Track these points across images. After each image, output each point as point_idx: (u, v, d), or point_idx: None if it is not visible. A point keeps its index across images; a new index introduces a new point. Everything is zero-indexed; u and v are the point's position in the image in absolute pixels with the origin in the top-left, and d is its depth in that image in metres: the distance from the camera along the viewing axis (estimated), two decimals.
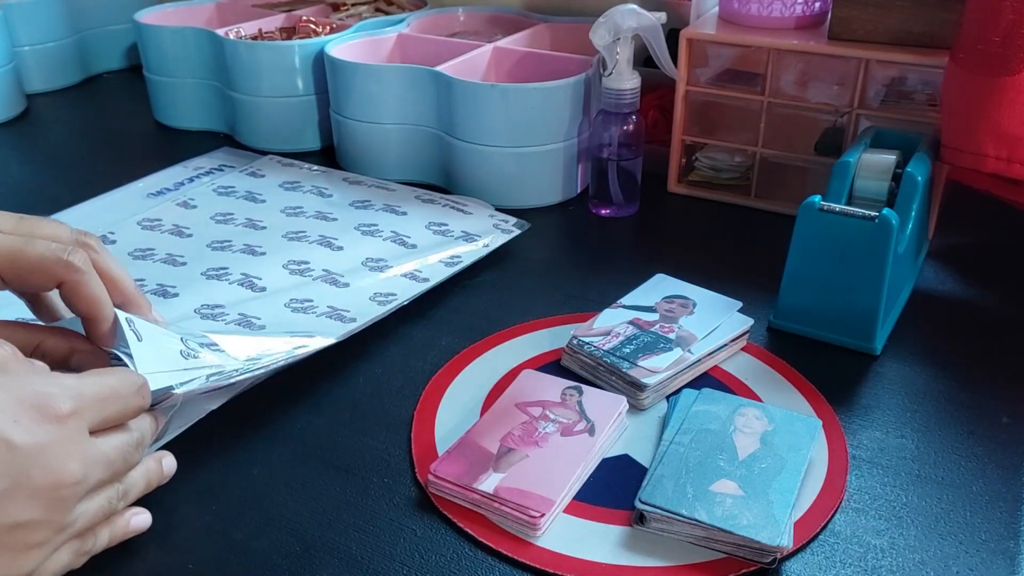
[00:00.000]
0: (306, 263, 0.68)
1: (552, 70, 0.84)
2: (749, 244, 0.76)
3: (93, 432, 0.39)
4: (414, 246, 0.72)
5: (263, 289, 0.64)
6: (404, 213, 0.78)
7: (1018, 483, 0.49)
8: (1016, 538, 0.46)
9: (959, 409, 0.55)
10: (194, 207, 0.79)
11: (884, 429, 0.53)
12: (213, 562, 0.44)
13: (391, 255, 0.70)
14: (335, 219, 0.76)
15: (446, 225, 0.76)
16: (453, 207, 0.79)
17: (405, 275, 0.67)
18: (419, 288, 0.66)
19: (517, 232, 0.75)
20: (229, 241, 0.72)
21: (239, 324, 0.60)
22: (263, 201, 0.80)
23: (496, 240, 0.74)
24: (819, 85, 0.78)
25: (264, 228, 0.75)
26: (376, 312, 0.61)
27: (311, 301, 0.63)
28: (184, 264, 0.68)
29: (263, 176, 0.86)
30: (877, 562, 0.44)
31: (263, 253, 0.70)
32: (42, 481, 0.35)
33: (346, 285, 0.65)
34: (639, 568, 0.43)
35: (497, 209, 0.79)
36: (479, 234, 0.74)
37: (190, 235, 0.74)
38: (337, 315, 0.61)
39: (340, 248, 0.71)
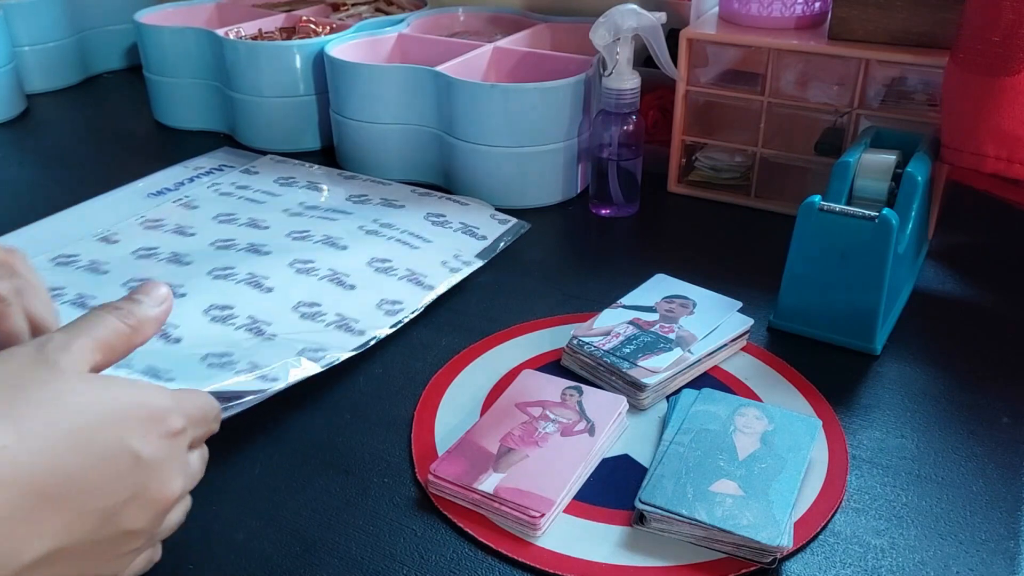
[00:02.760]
0: (311, 262, 0.68)
1: (552, 70, 0.84)
2: (749, 244, 0.76)
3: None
4: (416, 247, 0.72)
5: (270, 289, 0.64)
6: (402, 206, 0.79)
7: (1018, 483, 0.49)
8: (1016, 538, 0.46)
9: (959, 409, 0.55)
10: (196, 207, 0.79)
11: (884, 429, 0.53)
12: (213, 562, 0.44)
13: (396, 255, 0.70)
14: (336, 219, 0.77)
15: (444, 216, 0.76)
16: (450, 200, 0.80)
17: (410, 280, 0.67)
18: (425, 296, 0.65)
19: (512, 222, 0.76)
20: (233, 240, 0.72)
21: (249, 329, 0.59)
22: (263, 201, 0.80)
23: (493, 231, 0.74)
24: (819, 85, 0.78)
25: (267, 228, 0.75)
26: (383, 324, 0.61)
27: (319, 305, 0.63)
28: (190, 264, 0.68)
29: (256, 173, 0.86)
30: (877, 562, 0.44)
31: (268, 252, 0.70)
32: (156, 494, 0.36)
33: (352, 287, 0.65)
34: (639, 568, 0.43)
35: (497, 209, 0.80)
36: (478, 226, 0.74)
37: (193, 234, 0.74)
38: (345, 325, 0.61)
39: (344, 247, 0.71)
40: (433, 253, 0.71)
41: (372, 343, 0.59)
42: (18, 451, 0.32)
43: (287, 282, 0.65)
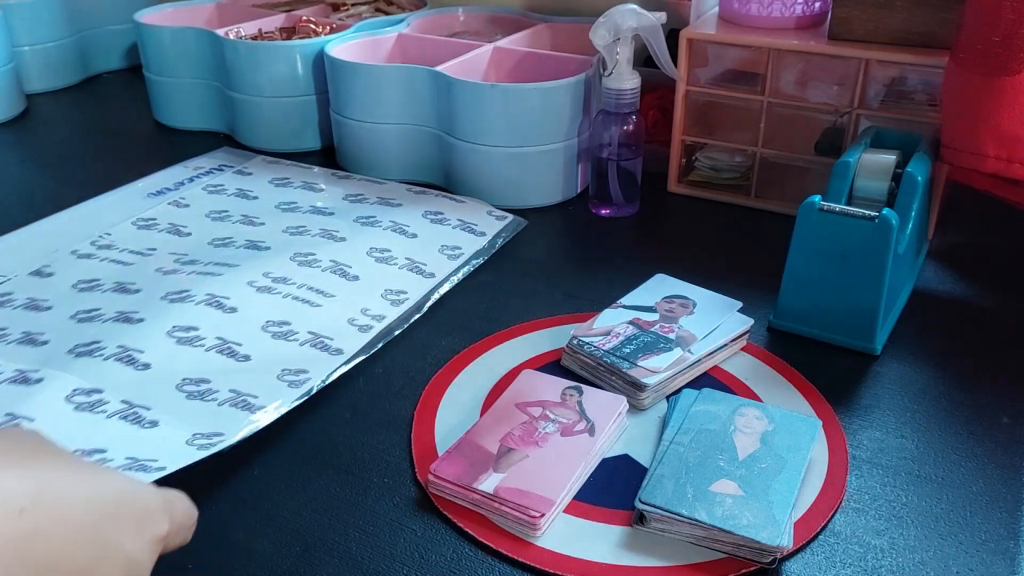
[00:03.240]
0: (312, 254, 0.68)
1: (552, 70, 0.84)
2: (749, 244, 0.76)
3: None
4: (415, 235, 0.72)
5: (281, 279, 0.64)
6: (399, 204, 0.79)
7: (1018, 483, 0.49)
8: (1016, 538, 0.46)
9: (959, 409, 0.55)
10: (186, 206, 0.79)
11: (884, 429, 0.53)
12: (213, 562, 0.44)
13: (394, 244, 0.71)
14: (332, 213, 0.77)
15: (442, 214, 0.77)
16: (447, 197, 0.80)
17: (411, 268, 0.68)
18: (427, 284, 0.66)
19: (510, 219, 0.76)
20: (230, 238, 0.72)
21: (264, 329, 0.60)
22: (255, 198, 0.81)
23: (491, 227, 0.74)
24: (819, 85, 0.78)
25: (263, 224, 0.75)
26: (393, 314, 0.62)
27: (324, 292, 0.63)
28: (191, 262, 0.68)
29: (250, 174, 0.86)
30: (877, 562, 0.44)
31: (267, 248, 0.70)
32: None
33: (356, 278, 0.65)
34: (639, 568, 0.43)
35: (496, 208, 0.80)
36: (475, 223, 0.75)
37: (188, 233, 0.74)
38: (353, 321, 0.62)
39: (343, 239, 0.71)
40: (431, 243, 0.72)
41: (380, 345, 0.60)
42: (39, 519, 0.29)
43: (292, 274, 0.65)
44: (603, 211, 0.81)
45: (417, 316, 0.64)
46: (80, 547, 0.30)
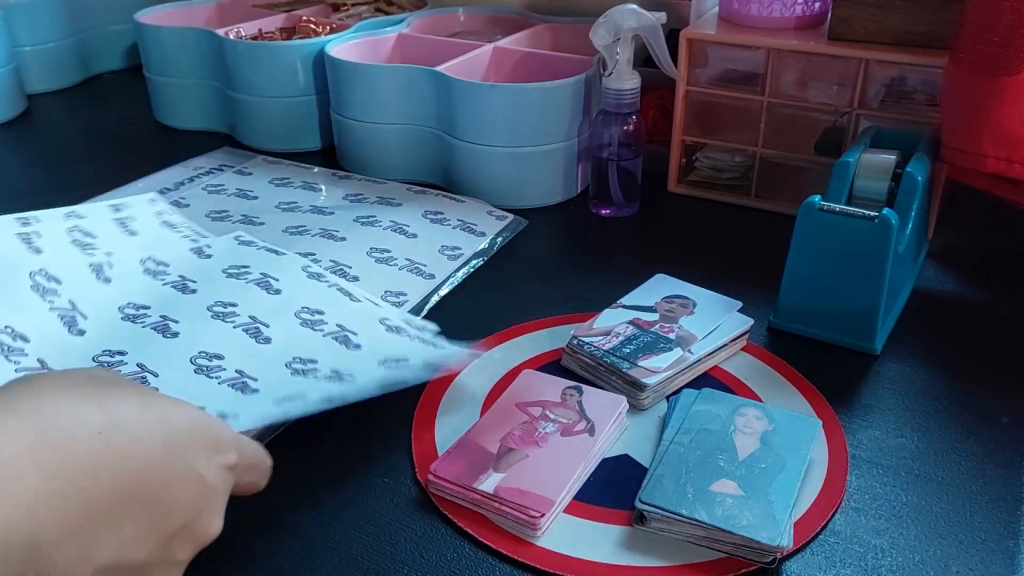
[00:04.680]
0: (312, 254, 0.68)
1: (552, 70, 0.84)
2: (749, 244, 0.76)
3: None
4: (415, 235, 0.72)
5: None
6: (399, 204, 0.79)
7: (1018, 483, 0.49)
8: (1016, 538, 0.46)
9: (959, 409, 0.55)
10: (186, 206, 0.79)
11: (884, 429, 0.53)
12: (213, 562, 0.44)
13: (394, 245, 0.70)
14: (332, 213, 0.77)
15: (442, 214, 0.77)
16: (447, 197, 0.80)
17: (411, 270, 0.68)
18: (427, 286, 0.66)
19: (510, 219, 0.76)
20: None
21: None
22: (255, 197, 0.80)
23: (491, 227, 0.74)
24: (819, 85, 0.78)
25: (262, 224, 0.75)
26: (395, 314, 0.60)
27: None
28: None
29: (250, 174, 0.86)
30: (877, 562, 0.44)
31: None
32: (202, 527, 0.35)
33: (356, 279, 0.65)
34: (639, 568, 0.43)
35: (496, 208, 0.80)
36: (475, 223, 0.74)
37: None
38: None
39: (343, 239, 0.71)
40: (431, 244, 0.71)
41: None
42: (114, 439, 0.31)
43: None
44: (603, 211, 0.81)
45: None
46: (154, 466, 0.32)
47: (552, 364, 0.59)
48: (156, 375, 0.51)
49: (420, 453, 0.51)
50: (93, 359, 0.53)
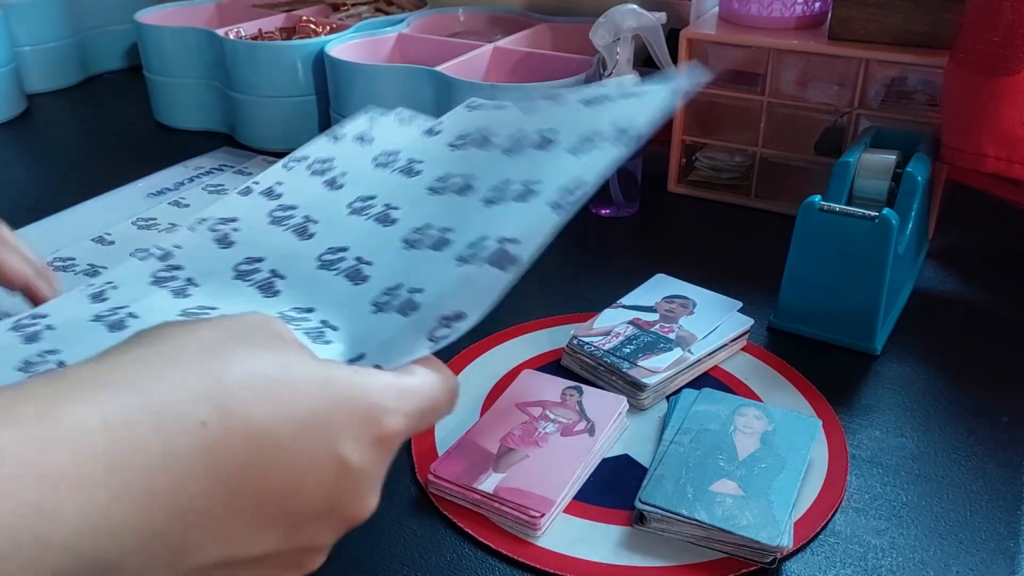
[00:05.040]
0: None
1: (552, 70, 0.84)
2: (749, 244, 0.76)
3: None
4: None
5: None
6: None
7: (1018, 483, 0.49)
8: (1016, 538, 0.46)
9: (959, 409, 0.55)
10: (186, 206, 0.79)
11: (884, 429, 0.53)
12: None
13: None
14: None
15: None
16: None
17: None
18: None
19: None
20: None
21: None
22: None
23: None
24: (819, 85, 0.78)
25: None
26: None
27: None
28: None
29: (250, 174, 0.86)
30: (877, 562, 0.44)
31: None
32: (349, 510, 0.30)
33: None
34: (639, 568, 0.43)
35: None
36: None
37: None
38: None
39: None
40: None
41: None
42: (222, 431, 0.25)
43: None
44: (603, 211, 0.81)
45: None
46: (276, 457, 0.27)
47: (552, 364, 0.59)
48: (370, 263, 0.43)
49: (420, 453, 0.51)
50: (318, 258, 0.45)
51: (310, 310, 0.42)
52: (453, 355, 0.60)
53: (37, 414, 0.23)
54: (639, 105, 0.44)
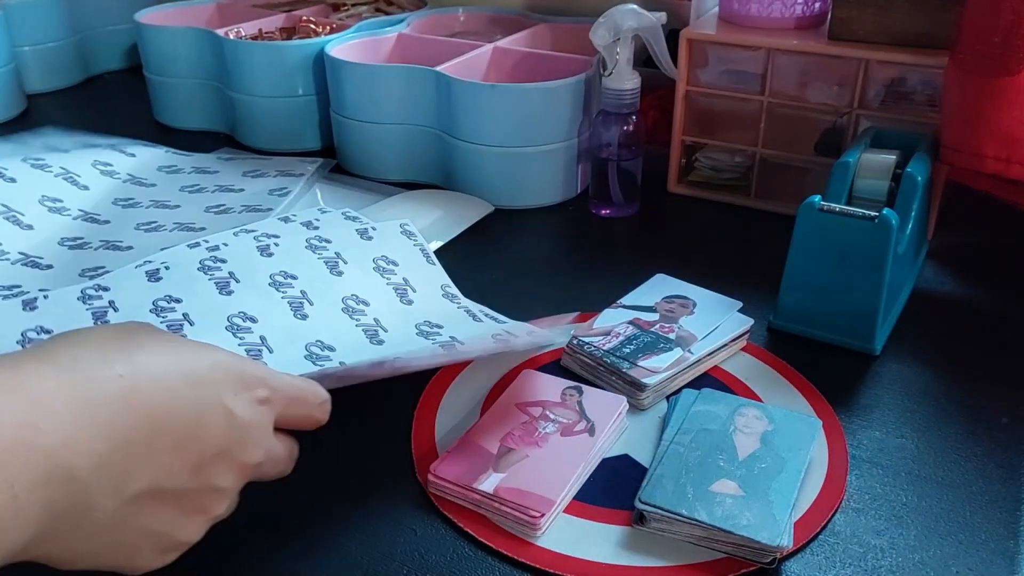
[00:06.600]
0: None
1: (552, 70, 0.84)
2: (749, 244, 0.76)
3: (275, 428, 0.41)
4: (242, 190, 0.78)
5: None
6: (216, 172, 0.83)
7: (1018, 483, 0.49)
8: (1016, 538, 0.46)
9: (959, 409, 0.55)
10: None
11: (884, 429, 0.53)
12: (212, 562, 0.44)
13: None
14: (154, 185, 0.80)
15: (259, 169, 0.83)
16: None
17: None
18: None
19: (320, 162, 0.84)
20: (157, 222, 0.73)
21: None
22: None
23: (306, 168, 0.82)
24: (819, 85, 0.78)
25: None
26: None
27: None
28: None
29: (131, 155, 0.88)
30: (877, 562, 0.44)
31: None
32: (239, 456, 0.38)
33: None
34: (639, 568, 0.43)
35: (497, 209, 0.80)
36: (292, 168, 0.82)
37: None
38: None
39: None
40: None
41: None
42: (136, 381, 0.34)
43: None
44: (603, 211, 0.81)
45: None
46: (179, 403, 0.35)
47: (552, 364, 0.59)
48: (272, 350, 0.53)
49: (420, 453, 0.51)
50: (227, 318, 0.54)
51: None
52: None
53: (8, 376, 0.32)
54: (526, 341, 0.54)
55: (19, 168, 0.74)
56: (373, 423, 0.54)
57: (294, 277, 0.58)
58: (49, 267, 0.65)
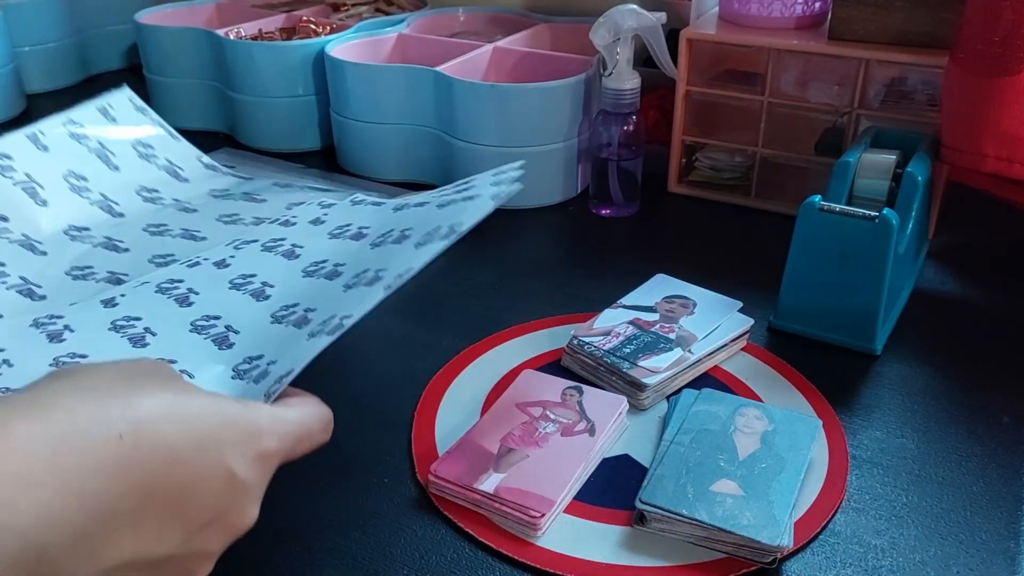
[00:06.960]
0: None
1: (552, 70, 0.84)
2: (749, 244, 0.76)
3: None
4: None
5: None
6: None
7: (1018, 483, 0.49)
8: (1016, 538, 0.46)
9: (959, 409, 0.55)
10: (194, 211, 0.79)
11: (884, 429, 0.53)
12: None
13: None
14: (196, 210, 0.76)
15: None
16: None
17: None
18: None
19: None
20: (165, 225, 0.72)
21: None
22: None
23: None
24: (819, 85, 0.78)
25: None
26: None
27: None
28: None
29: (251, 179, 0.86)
30: (877, 562, 0.44)
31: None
32: (235, 519, 0.35)
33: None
34: (639, 568, 0.43)
35: (498, 209, 0.80)
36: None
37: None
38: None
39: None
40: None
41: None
42: (137, 441, 0.31)
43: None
44: (603, 211, 0.81)
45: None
46: (179, 466, 0.32)
47: (552, 364, 0.59)
48: (238, 332, 0.52)
49: (420, 453, 0.51)
50: (191, 323, 0.53)
51: (174, 361, 0.50)
52: (452, 355, 0.60)
53: None
54: (472, 208, 0.51)
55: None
56: (373, 423, 0.54)
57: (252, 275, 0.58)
58: (127, 250, 0.66)
